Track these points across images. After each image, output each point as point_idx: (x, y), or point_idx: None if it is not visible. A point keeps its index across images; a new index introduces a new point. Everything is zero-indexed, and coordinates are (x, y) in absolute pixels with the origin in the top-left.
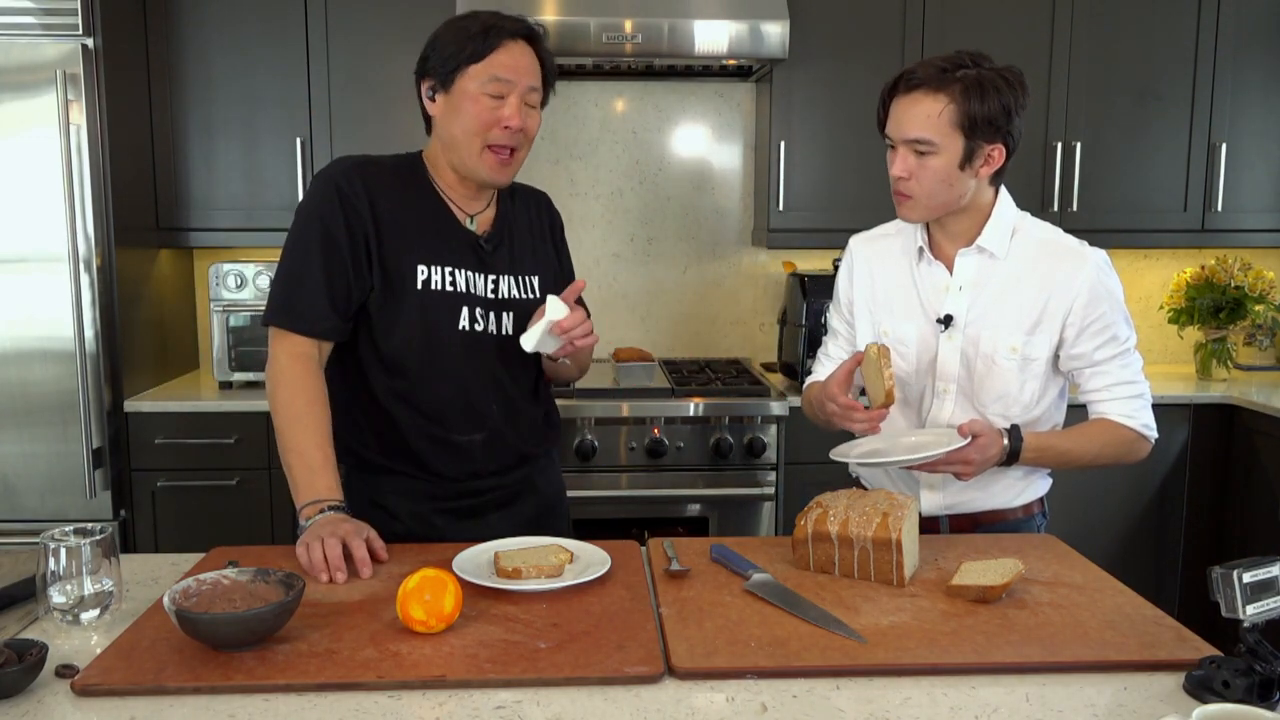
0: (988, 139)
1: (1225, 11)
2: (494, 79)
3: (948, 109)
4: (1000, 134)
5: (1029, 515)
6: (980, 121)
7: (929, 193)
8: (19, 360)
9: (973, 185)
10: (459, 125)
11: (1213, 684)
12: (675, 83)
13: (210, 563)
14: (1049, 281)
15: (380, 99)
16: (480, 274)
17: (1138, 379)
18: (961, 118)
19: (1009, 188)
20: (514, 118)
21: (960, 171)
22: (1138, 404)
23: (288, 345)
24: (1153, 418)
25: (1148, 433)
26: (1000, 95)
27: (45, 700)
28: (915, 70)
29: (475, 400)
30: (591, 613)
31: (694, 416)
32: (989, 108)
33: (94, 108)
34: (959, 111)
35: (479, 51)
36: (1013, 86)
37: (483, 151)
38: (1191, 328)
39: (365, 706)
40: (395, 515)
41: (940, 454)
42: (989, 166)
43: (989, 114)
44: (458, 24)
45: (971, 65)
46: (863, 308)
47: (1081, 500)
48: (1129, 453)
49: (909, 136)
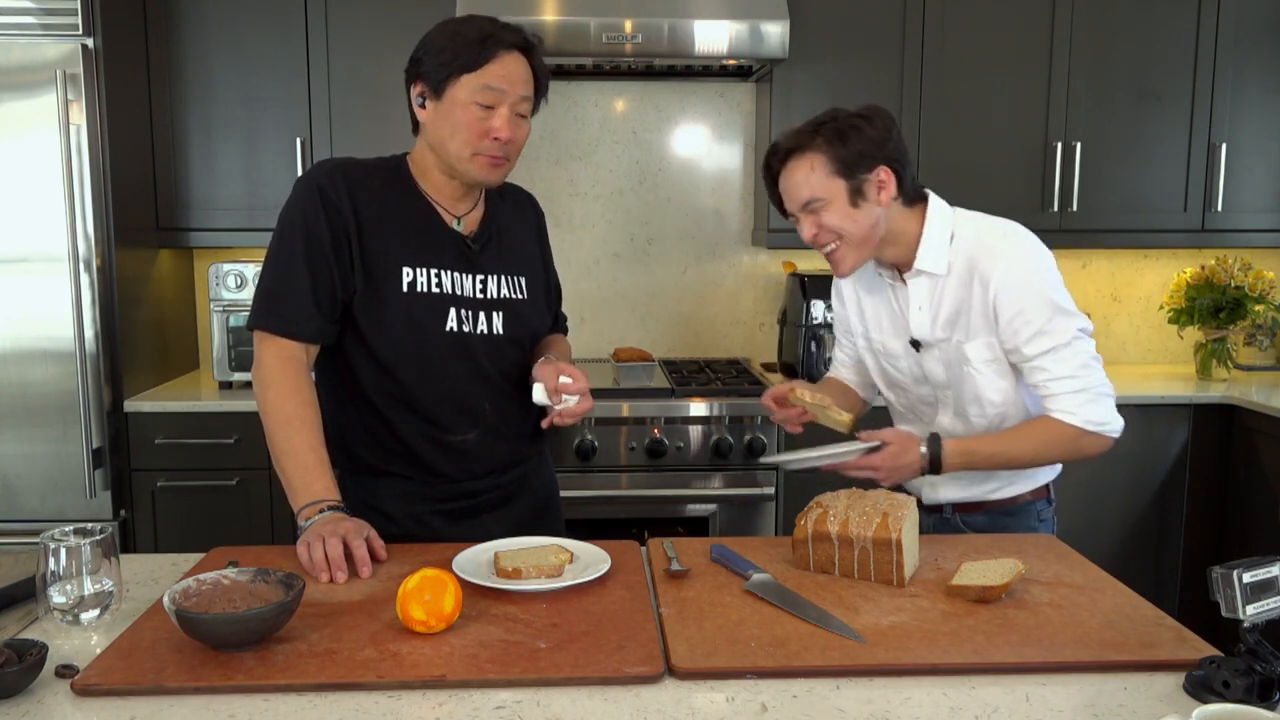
0: (866, 170)
1: (1225, 11)
2: (486, 88)
3: (818, 162)
4: (876, 159)
5: (1031, 501)
6: (851, 160)
7: (845, 239)
8: (19, 360)
9: (880, 213)
10: (448, 132)
11: (1213, 684)
12: (675, 83)
13: (210, 563)
14: (978, 284)
15: (380, 99)
16: (467, 274)
17: (1079, 373)
18: (833, 165)
19: (1010, 189)
20: (504, 129)
21: (856, 209)
22: (1080, 399)
23: (274, 348)
24: (1106, 411)
25: (1096, 429)
26: (860, 132)
27: (45, 700)
28: (779, 144)
29: (467, 399)
30: (591, 613)
31: (694, 416)
32: (851, 148)
33: (94, 108)
34: (829, 160)
35: (474, 61)
36: (872, 120)
37: (473, 157)
38: (1191, 328)
39: (365, 706)
40: (391, 517)
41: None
42: (885, 191)
43: (856, 151)
44: (453, 30)
45: (829, 119)
46: (856, 325)
47: (1082, 500)
48: (1076, 450)
49: (800, 201)
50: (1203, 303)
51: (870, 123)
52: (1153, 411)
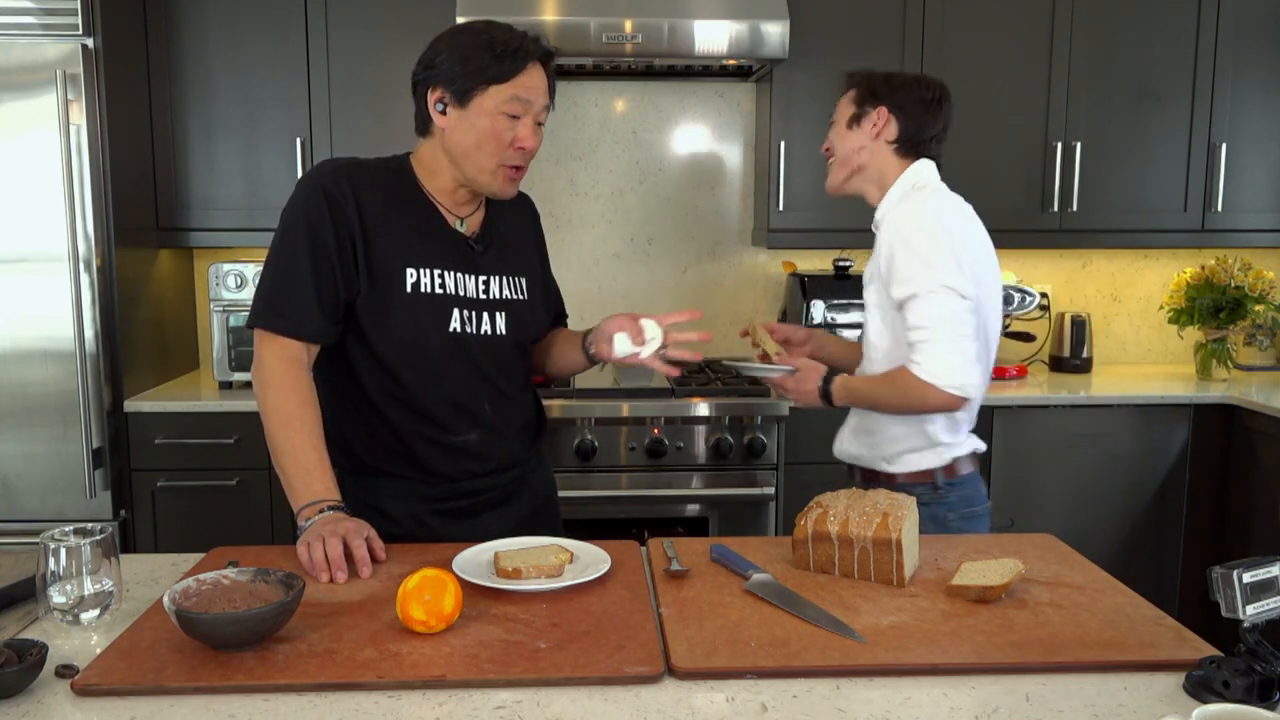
0: (872, 105)
1: (1225, 11)
2: (515, 99)
3: (851, 93)
4: (883, 101)
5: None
6: (865, 95)
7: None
8: (19, 360)
9: (868, 145)
10: (473, 143)
11: (1213, 684)
12: (675, 83)
13: (210, 563)
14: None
15: (380, 99)
16: (470, 275)
17: (926, 324)
18: (857, 97)
19: (1010, 189)
20: (529, 139)
21: (849, 131)
22: (928, 350)
23: (275, 348)
24: (953, 369)
25: (932, 380)
26: (890, 81)
27: (45, 700)
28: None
29: (468, 400)
30: (591, 613)
31: (694, 416)
32: (875, 86)
33: (94, 108)
34: (858, 94)
35: (505, 72)
36: (910, 83)
37: (497, 170)
38: (1191, 328)
39: (365, 706)
40: (391, 517)
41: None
42: (879, 130)
43: (874, 90)
44: (479, 39)
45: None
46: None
47: (1082, 500)
48: (923, 401)
49: (831, 119)
50: (1203, 303)
51: (910, 85)
52: (1153, 411)
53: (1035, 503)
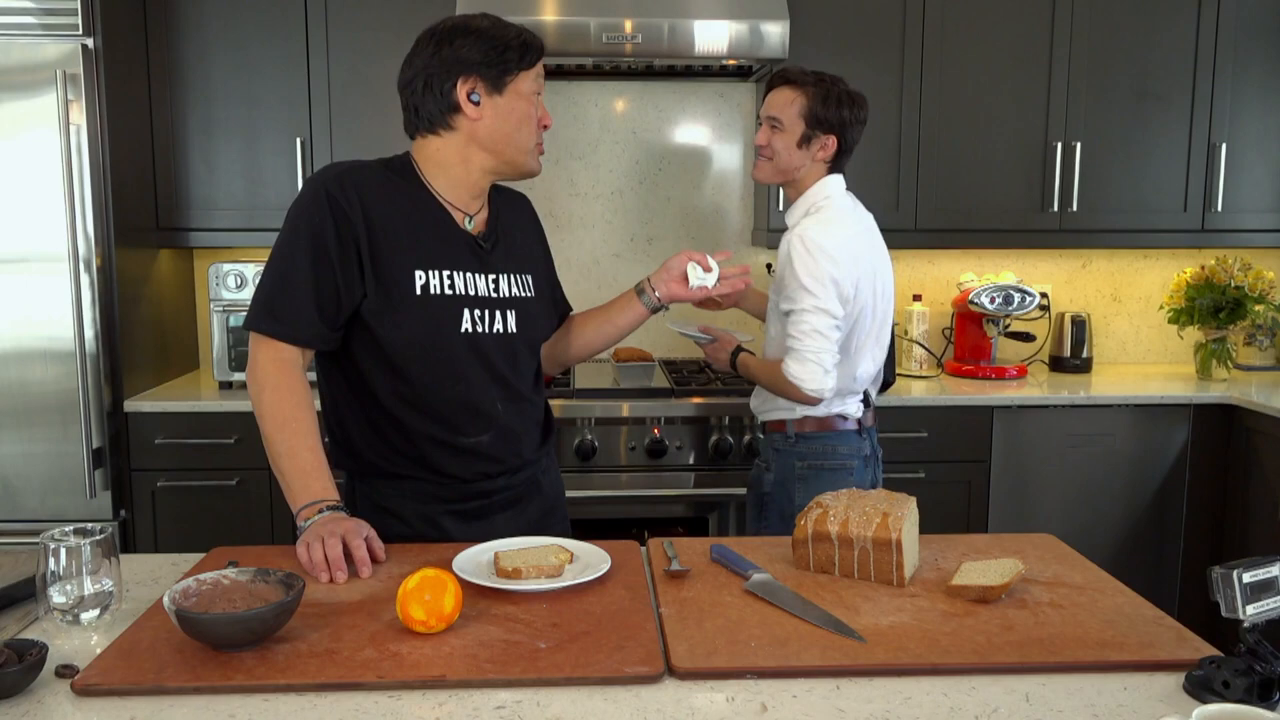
0: (823, 131)
1: (1225, 11)
2: (537, 79)
3: (800, 102)
4: (833, 129)
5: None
6: (818, 118)
7: (775, 159)
8: (19, 360)
9: (808, 163)
10: (513, 126)
11: (1213, 684)
12: (675, 83)
13: (210, 563)
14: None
15: (380, 99)
16: (480, 274)
17: (800, 336)
18: (806, 111)
19: (1010, 189)
20: (548, 116)
21: (797, 148)
22: (794, 356)
23: (270, 351)
24: (806, 371)
25: (796, 382)
26: (840, 107)
27: (45, 700)
28: (788, 69)
29: (481, 401)
30: (591, 613)
31: (694, 416)
32: (826, 111)
33: (94, 108)
34: (806, 106)
35: (531, 59)
36: (855, 105)
37: (534, 147)
38: (1191, 328)
39: (365, 706)
40: (402, 518)
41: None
42: (822, 152)
43: (826, 116)
44: (496, 31)
45: (830, 81)
46: None
47: (1081, 500)
48: (785, 393)
49: (770, 115)
50: (1203, 303)
51: (853, 106)
52: (1152, 411)
53: (1035, 502)
